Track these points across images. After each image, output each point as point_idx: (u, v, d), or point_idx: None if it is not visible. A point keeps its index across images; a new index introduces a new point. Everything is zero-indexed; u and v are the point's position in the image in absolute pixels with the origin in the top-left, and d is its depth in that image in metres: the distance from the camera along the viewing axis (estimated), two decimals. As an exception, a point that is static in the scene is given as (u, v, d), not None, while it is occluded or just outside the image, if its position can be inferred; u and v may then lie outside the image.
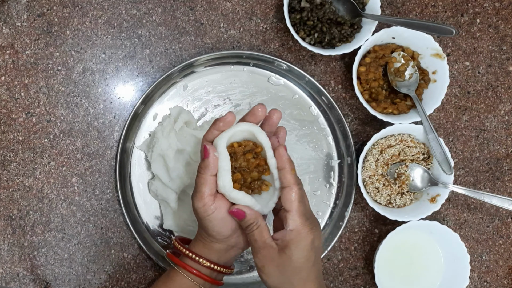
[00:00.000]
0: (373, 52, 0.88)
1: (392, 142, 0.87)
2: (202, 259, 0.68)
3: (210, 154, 0.64)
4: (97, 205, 0.86)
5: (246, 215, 0.64)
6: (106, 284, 0.86)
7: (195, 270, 0.67)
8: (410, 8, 0.92)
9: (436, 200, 0.86)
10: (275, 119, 0.68)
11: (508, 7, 0.94)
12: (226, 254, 0.69)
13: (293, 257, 0.62)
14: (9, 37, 0.86)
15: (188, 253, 0.69)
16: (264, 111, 0.66)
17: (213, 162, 0.64)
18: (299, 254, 0.62)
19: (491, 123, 0.93)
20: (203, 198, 0.64)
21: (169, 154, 0.82)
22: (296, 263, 0.62)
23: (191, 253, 0.68)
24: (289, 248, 0.62)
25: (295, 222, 0.62)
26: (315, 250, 0.63)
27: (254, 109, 0.66)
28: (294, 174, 0.64)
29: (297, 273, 0.63)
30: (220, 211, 0.65)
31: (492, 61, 0.93)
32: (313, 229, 0.63)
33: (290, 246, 0.62)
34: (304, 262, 0.62)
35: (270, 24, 0.90)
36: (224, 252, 0.69)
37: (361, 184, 0.85)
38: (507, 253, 0.93)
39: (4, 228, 0.85)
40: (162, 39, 0.88)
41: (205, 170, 0.64)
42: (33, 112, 0.86)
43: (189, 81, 0.87)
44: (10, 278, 0.84)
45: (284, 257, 0.62)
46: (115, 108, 0.87)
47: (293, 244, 0.62)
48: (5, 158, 0.85)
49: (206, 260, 0.68)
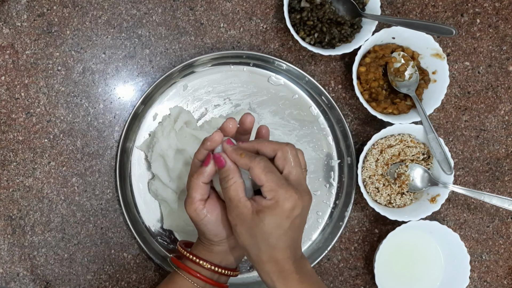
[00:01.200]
0: (373, 52, 0.88)
1: (392, 142, 0.87)
2: (203, 261, 0.67)
3: (210, 164, 0.65)
4: (97, 205, 0.86)
5: (226, 164, 0.63)
6: (106, 284, 0.86)
7: (197, 272, 0.67)
8: (410, 8, 0.92)
9: (436, 200, 0.86)
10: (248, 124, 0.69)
11: (508, 7, 0.94)
12: (228, 256, 0.69)
13: (264, 221, 0.61)
14: (9, 37, 0.86)
15: (189, 256, 0.68)
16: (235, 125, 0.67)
17: (210, 171, 0.65)
18: (271, 220, 0.60)
19: (491, 123, 0.93)
20: (194, 203, 0.65)
21: (169, 154, 0.82)
22: (266, 227, 0.61)
23: (192, 256, 0.68)
24: (263, 212, 0.61)
25: (271, 192, 0.61)
26: (292, 218, 0.61)
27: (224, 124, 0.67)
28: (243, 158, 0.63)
29: (265, 239, 0.61)
30: (213, 215, 0.66)
31: (492, 61, 0.93)
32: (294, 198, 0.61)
33: (264, 210, 0.61)
34: (274, 228, 0.61)
35: (270, 24, 0.90)
36: (225, 254, 0.68)
37: (361, 184, 0.85)
38: (507, 253, 0.93)
39: (4, 228, 0.85)
40: (162, 39, 0.88)
41: (199, 176, 0.65)
42: (33, 112, 0.86)
43: (189, 81, 0.87)
44: (10, 278, 0.84)
45: (256, 220, 0.61)
46: (115, 108, 0.87)
47: (267, 209, 0.61)
48: (5, 158, 0.85)
49: (207, 262, 0.67)
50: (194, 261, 0.68)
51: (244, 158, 0.63)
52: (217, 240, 0.67)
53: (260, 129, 0.71)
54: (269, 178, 0.61)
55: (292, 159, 0.63)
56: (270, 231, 0.61)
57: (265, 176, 0.61)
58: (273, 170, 0.62)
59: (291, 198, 0.61)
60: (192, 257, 0.68)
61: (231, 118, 0.68)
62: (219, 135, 0.66)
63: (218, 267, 0.67)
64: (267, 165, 0.62)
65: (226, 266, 0.68)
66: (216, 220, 0.66)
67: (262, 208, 0.61)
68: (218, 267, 0.67)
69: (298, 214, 0.61)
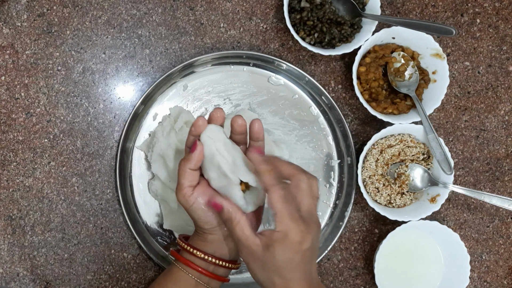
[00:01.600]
0: (373, 52, 0.88)
1: (392, 142, 0.87)
2: (196, 250, 0.67)
3: (197, 150, 0.65)
4: (97, 205, 0.86)
5: (224, 208, 0.64)
6: (106, 284, 0.86)
7: (191, 262, 0.67)
8: (410, 8, 0.92)
9: (436, 200, 0.86)
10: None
11: (508, 7, 0.94)
12: (222, 246, 0.68)
13: (276, 256, 0.60)
14: (9, 37, 0.86)
15: (184, 245, 0.68)
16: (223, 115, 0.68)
17: (197, 158, 0.65)
18: (282, 254, 0.60)
19: (491, 123, 0.93)
20: (182, 190, 0.66)
21: (169, 154, 0.82)
22: (278, 262, 0.61)
23: (187, 245, 0.68)
24: (273, 246, 0.60)
25: (282, 224, 0.60)
26: (302, 252, 0.61)
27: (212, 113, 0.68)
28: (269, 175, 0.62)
29: (278, 273, 0.61)
30: (202, 201, 0.66)
31: (492, 61, 0.93)
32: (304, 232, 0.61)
33: (274, 244, 0.60)
34: (286, 262, 0.61)
35: (270, 24, 0.90)
36: (220, 243, 0.68)
37: (361, 184, 0.85)
38: (507, 253, 0.93)
39: (4, 228, 0.85)
40: (162, 39, 0.88)
41: (186, 163, 0.66)
42: (33, 112, 0.86)
43: (189, 81, 0.87)
44: (10, 278, 0.84)
45: (268, 255, 0.61)
46: (115, 108, 0.87)
47: (277, 243, 0.60)
48: (5, 158, 0.85)
49: (200, 251, 0.67)
50: (189, 250, 0.68)
51: (269, 177, 0.62)
52: (208, 228, 0.67)
53: (253, 124, 0.70)
54: (284, 208, 0.60)
55: (306, 189, 0.62)
56: (283, 265, 0.61)
57: (280, 206, 0.60)
58: (289, 201, 0.61)
59: (300, 232, 0.60)
60: (186, 246, 0.68)
61: (219, 108, 0.68)
62: (202, 120, 0.66)
63: (212, 257, 0.67)
64: (287, 195, 0.61)
65: (220, 257, 0.68)
66: (205, 206, 0.66)
67: (272, 242, 0.61)
68: (212, 257, 0.67)
69: (308, 247, 0.61)
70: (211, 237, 0.68)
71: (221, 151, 0.66)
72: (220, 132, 0.67)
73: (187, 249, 0.68)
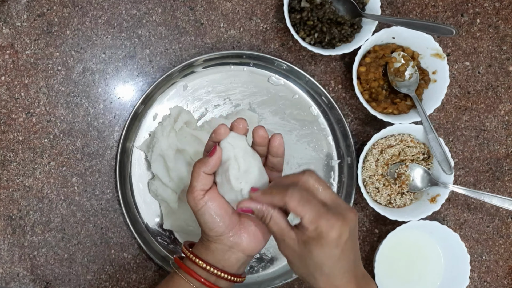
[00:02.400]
0: (373, 52, 0.88)
1: (392, 142, 0.87)
2: (199, 259, 0.66)
3: (216, 155, 0.64)
4: (97, 205, 0.86)
5: (253, 210, 0.62)
6: (106, 284, 0.86)
7: (193, 271, 0.66)
8: (410, 8, 0.93)
9: (436, 200, 0.86)
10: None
11: (508, 7, 0.94)
12: (225, 257, 0.66)
13: (313, 253, 0.58)
14: (9, 37, 0.86)
15: (187, 253, 0.67)
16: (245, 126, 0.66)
17: (214, 163, 0.64)
18: (319, 252, 0.58)
19: (491, 123, 0.93)
20: (193, 192, 0.64)
21: (169, 154, 0.82)
22: (316, 259, 0.59)
23: (190, 253, 0.67)
24: (309, 244, 0.58)
25: (312, 224, 0.58)
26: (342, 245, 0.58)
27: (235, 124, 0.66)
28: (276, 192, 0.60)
29: (318, 269, 0.59)
30: (211, 205, 0.64)
31: (492, 61, 0.93)
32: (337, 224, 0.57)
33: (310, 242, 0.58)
34: (325, 258, 0.58)
35: (270, 24, 0.90)
36: (222, 253, 0.66)
37: (361, 184, 0.85)
38: (507, 253, 0.93)
39: (4, 228, 0.85)
40: (162, 39, 0.88)
41: (201, 165, 0.64)
42: (33, 112, 0.86)
43: (189, 81, 0.87)
44: (10, 278, 0.84)
45: (305, 251, 0.59)
46: (115, 108, 0.87)
47: (313, 241, 0.58)
48: (5, 158, 0.85)
49: (202, 261, 0.66)
50: (191, 258, 0.66)
51: (276, 194, 0.60)
52: (213, 236, 0.65)
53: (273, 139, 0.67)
54: (307, 209, 0.58)
55: (318, 185, 0.60)
56: (321, 262, 0.59)
57: (302, 208, 0.58)
58: (309, 199, 0.58)
59: (335, 226, 0.57)
60: (189, 254, 0.67)
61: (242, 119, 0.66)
62: (224, 128, 0.64)
63: (214, 268, 0.65)
64: (302, 194, 0.58)
65: (223, 269, 0.66)
66: (213, 212, 0.64)
67: (308, 239, 0.58)
68: (214, 268, 0.65)
69: (347, 238, 0.58)
70: (214, 246, 0.66)
71: (238, 158, 0.64)
72: (242, 140, 0.65)
73: (190, 257, 0.67)
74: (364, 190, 0.85)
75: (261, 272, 0.87)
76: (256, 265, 0.87)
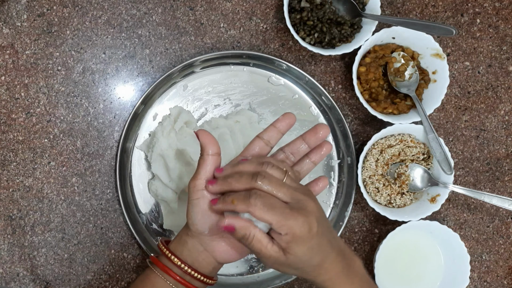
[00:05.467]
0: (373, 52, 0.88)
1: (392, 142, 0.87)
2: (174, 256, 0.65)
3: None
4: (97, 205, 0.86)
5: (236, 228, 0.60)
6: (106, 284, 0.86)
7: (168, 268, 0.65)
8: (410, 8, 0.93)
9: (436, 200, 0.86)
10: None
11: (508, 7, 0.94)
12: (199, 258, 0.66)
13: (297, 254, 0.60)
14: (9, 37, 0.86)
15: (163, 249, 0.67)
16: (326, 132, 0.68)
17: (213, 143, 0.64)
18: (301, 251, 0.60)
19: (491, 123, 0.93)
20: (196, 179, 0.63)
21: (169, 154, 0.82)
22: (302, 257, 0.60)
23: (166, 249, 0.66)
24: (290, 248, 0.60)
25: (283, 228, 0.59)
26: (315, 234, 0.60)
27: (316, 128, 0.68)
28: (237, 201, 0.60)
29: (308, 265, 0.61)
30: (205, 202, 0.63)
31: (492, 61, 0.93)
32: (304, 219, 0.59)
33: (290, 246, 0.60)
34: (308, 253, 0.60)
35: (270, 24, 0.90)
36: (198, 253, 0.66)
37: (361, 184, 0.85)
38: (507, 253, 0.93)
39: (4, 228, 0.85)
40: (162, 39, 0.88)
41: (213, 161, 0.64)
42: (33, 112, 0.86)
43: (189, 81, 0.87)
44: (10, 278, 0.84)
45: (290, 257, 0.60)
46: (115, 108, 0.87)
47: (291, 243, 0.59)
48: (5, 158, 0.85)
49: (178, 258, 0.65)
50: (167, 255, 0.66)
51: (237, 204, 0.60)
52: (193, 230, 0.65)
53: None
54: (272, 214, 0.58)
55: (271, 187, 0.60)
56: (307, 257, 0.61)
57: (267, 214, 0.58)
58: (272, 204, 0.59)
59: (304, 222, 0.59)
60: (165, 251, 0.66)
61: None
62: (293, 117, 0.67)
63: (188, 266, 0.65)
64: (264, 201, 0.59)
65: (197, 269, 0.66)
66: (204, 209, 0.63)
67: (287, 245, 0.60)
68: (188, 266, 0.65)
69: (317, 227, 0.60)
70: (191, 242, 0.66)
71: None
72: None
73: (166, 254, 0.66)
74: (364, 190, 0.85)
75: (261, 272, 0.87)
76: (256, 265, 0.87)
